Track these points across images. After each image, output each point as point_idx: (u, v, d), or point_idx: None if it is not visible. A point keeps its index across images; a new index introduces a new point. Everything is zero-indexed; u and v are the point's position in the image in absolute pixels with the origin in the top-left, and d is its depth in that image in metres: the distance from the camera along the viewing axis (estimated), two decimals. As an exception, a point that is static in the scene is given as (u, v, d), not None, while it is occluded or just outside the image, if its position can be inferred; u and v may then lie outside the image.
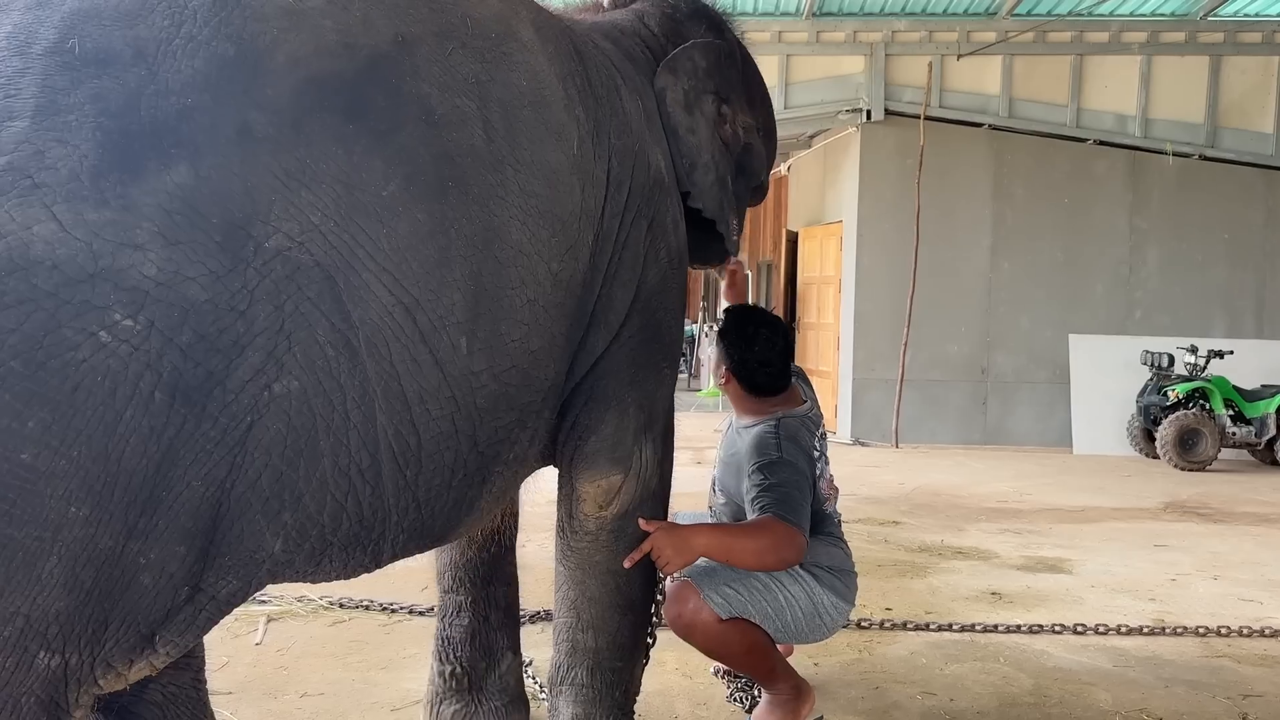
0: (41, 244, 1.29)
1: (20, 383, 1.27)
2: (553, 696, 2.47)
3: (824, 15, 9.50)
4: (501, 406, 1.83)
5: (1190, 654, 3.68)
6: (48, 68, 1.36)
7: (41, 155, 1.32)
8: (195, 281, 1.38)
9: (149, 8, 1.43)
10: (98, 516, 1.34)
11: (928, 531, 5.69)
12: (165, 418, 1.37)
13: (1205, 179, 9.71)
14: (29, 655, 1.34)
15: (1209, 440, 8.26)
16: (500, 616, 2.80)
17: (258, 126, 1.45)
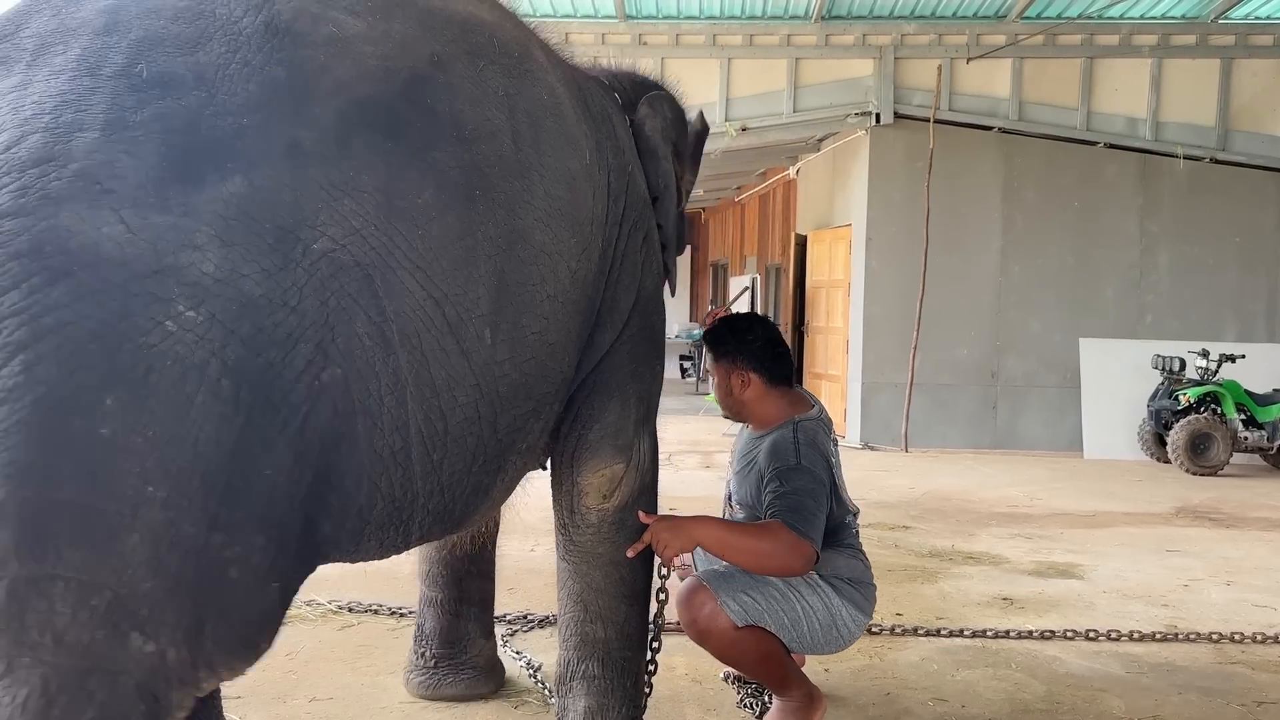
0: (110, 243, 1.41)
1: (98, 361, 1.37)
2: (561, 696, 2.54)
3: (833, 18, 9.49)
4: (520, 395, 1.94)
5: (1203, 660, 3.65)
6: (117, 88, 1.50)
7: (111, 164, 1.44)
8: (250, 278, 1.48)
9: (208, 36, 1.58)
10: (176, 501, 1.40)
11: (938, 536, 5.67)
12: (234, 405, 1.45)
13: (1216, 182, 9.67)
14: (121, 631, 1.39)
15: (1221, 445, 8.22)
16: (474, 611, 3.09)
17: (306, 143, 1.58)
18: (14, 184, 1.42)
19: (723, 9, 9.46)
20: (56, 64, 1.53)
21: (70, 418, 1.36)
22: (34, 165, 1.44)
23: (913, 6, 9.35)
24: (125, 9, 1.60)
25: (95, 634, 1.38)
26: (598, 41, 9.57)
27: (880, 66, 9.52)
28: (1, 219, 1.40)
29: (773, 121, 9.63)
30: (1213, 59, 9.58)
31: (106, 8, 1.60)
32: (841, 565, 2.83)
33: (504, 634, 3.67)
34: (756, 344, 2.91)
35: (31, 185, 1.42)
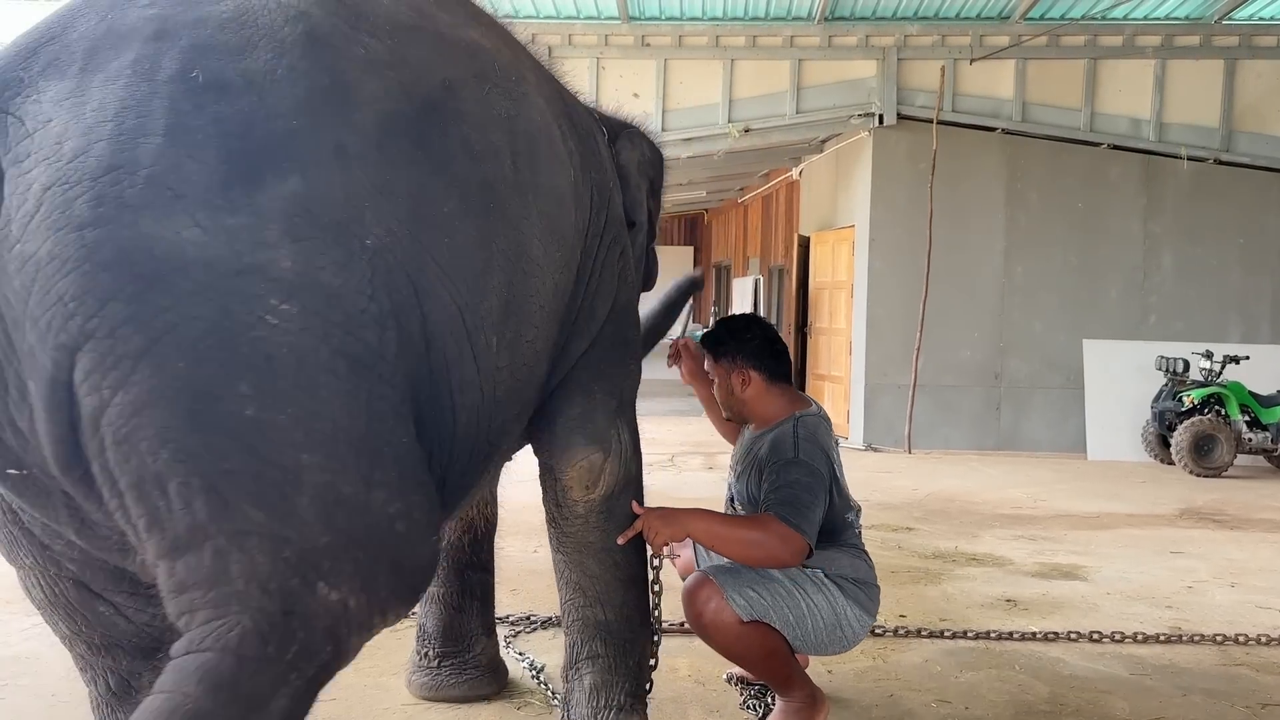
0: (191, 246, 1.49)
1: (219, 355, 1.49)
2: (569, 680, 2.61)
3: (836, 19, 9.48)
4: (512, 399, 2.06)
5: (1208, 662, 3.65)
6: (174, 93, 1.56)
7: (178, 169, 1.51)
8: (326, 270, 1.58)
9: (253, 43, 1.65)
10: (331, 465, 1.56)
11: (941, 538, 5.66)
12: (353, 383, 1.58)
13: (1220, 183, 9.66)
14: (310, 581, 1.54)
15: (1225, 446, 8.20)
16: (476, 605, 3.11)
17: (350, 146, 1.67)
18: (88, 193, 1.47)
19: (726, 10, 9.46)
20: (111, 69, 1.57)
21: (214, 404, 1.50)
22: (105, 173, 1.49)
23: (916, 8, 9.34)
24: (172, 17, 1.65)
25: (290, 581, 1.53)
26: (601, 43, 9.58)
27: (883, 68, 9.52)
28: (82, 229, 1.46)
29: (776, 123, 9.63)
30: (1217, 60, 9.57)
31: (154, 15, 1.65)
32: (846, 564, 2.83)
33: (507, 635, 3.67)
34: (755, 342, 2.93)
35: (106, 194, 1.48)
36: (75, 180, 1.48)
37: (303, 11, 1.73)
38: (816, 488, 2.71)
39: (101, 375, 1.47)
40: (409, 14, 1.93)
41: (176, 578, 1.54)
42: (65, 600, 1.84)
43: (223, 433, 1.50)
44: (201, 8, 1.68)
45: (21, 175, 1.51)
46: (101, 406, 1.48)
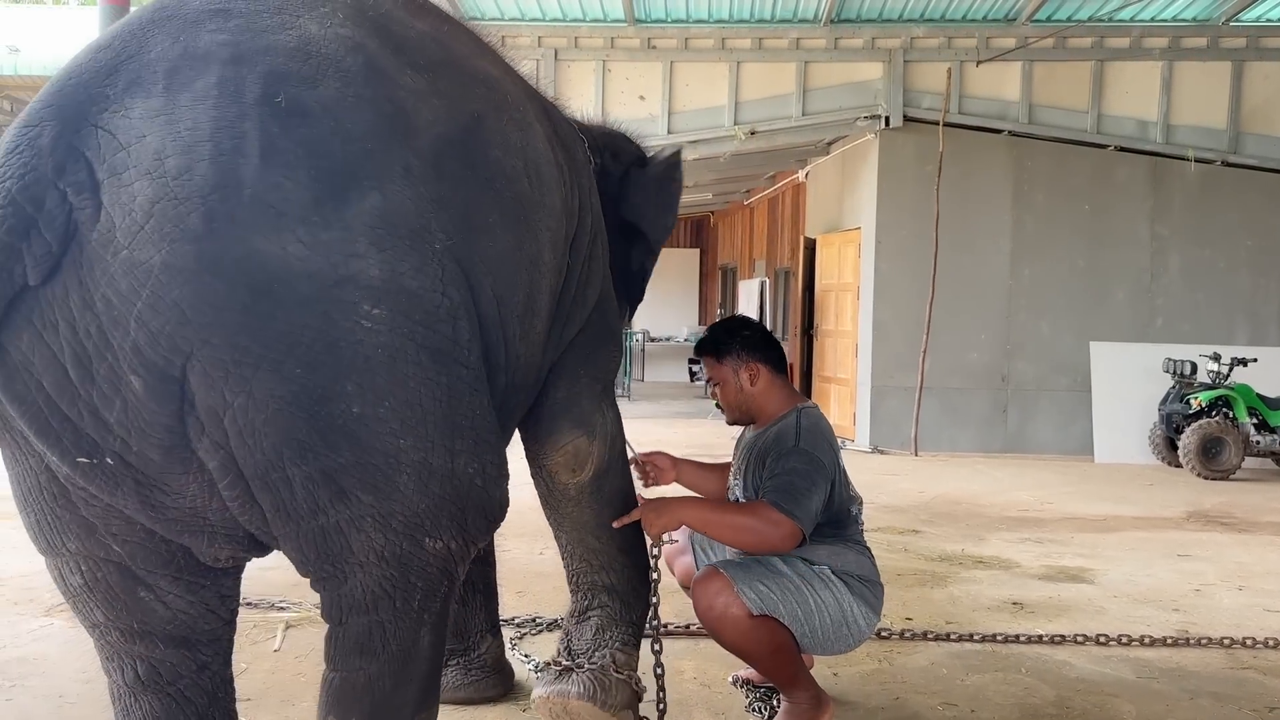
0: (297, 260, 1.67)
1: (327, 359, 1.71)
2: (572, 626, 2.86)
3: (842, 22, 9.48)
4: (525, 384, 2.31)
5: (1215, 665, 3.64)
6: (262, 115, 1.70)
7: (277, 188, 1.67)
8: (406, 275, 1.78)
9: (323, 72, 1.82)
10: (422, 445, 1.83)
11: (948, 540, 5.65)
12: (436, 370, 1.83)
13: (1228, 185, 9.63)
14: (417, 539, 1.87)
15: (1232, 449, 8.18)
16: (479, 598, 3.15)
17: (414, 166, 1.86)
18: (200, 209, 1.62)
19: (732, 12, 9.46)
20: (197, 89, 1.70)
21: (327, 404, 1.72)
22: (213, 191, 1.63)
23: (922, 10, 9.34)
24: (243, 43, 1.80)
25: (402, 545, 1.86)
26: (607, 45, 9.59)
27: (890, 70, 9.51)
28: (200, 242, 1.61)
29: (782, 125, 9.63)
30: (1224, 61, 9.55)
31: (226, 40, 1.79)
32: (852, 561, 2.84)
33: (512, 637, 3.67)
34: (755, 336, 3.00)
35: (217, 210, 1.62)
36: (184, 196, 1.62)
37: (359, 44, 1.91)
38: (815, 475, 2.73)
39: (223, 378, 1.65)
40: (436, 48, 2.13)
41: (306, 554, 1.85)
42: (106, 585, 1.92)
43: (335, 430, 1.74)
44: (267, 36, 1.83)
45: (123, 186, 1.62)
46: (223, 406, 1.67)
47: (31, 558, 5.01)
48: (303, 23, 1.89)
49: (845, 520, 2.88)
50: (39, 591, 4.23)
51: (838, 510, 2.85)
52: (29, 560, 4.73)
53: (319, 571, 1.88)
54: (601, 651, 2.79)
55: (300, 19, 1.90)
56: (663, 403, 11.53)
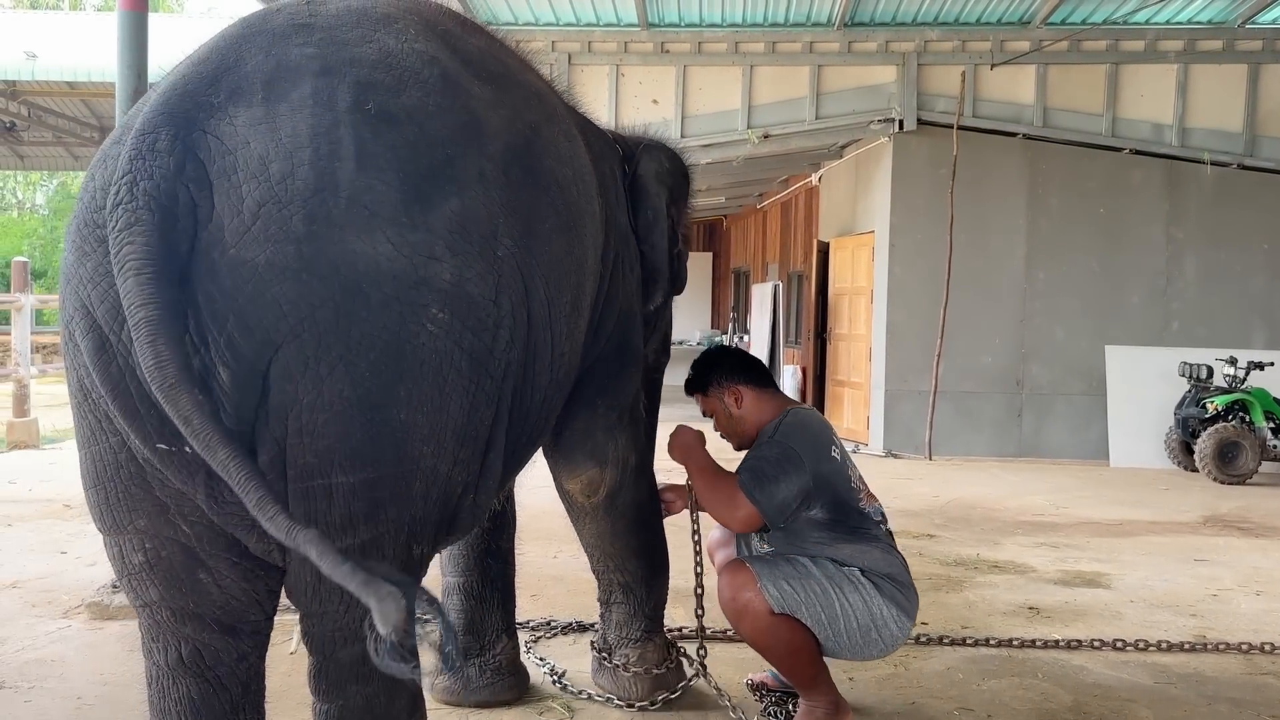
0: (386, 260, 1.76)
1: (392, 363, 1.78)
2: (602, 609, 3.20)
3: (855, 25, 9.47)
4: (564, 383, 2.40)
5: (1233, 671, 3.62)
6: (354, 122, 1.82)
7: (371, 190, 1.78)
8: (471, 281, 1.88)
9: (405, 81, 1.94)
10: (437, 451, 1.88)
11: (963, 545, 5.63)
12: (469, 378, 1.90)
13: (1243, 188, 9.58)
14: (410, 548, 1.92)
15: (1249, 453, 8.13)
16: (497, 597, 3.21)
17: (488, 172, 1.98)
18: (301, 211, 1.73)
19: (745, 16, 9.46)
20: (294, 99, 1.82)
21: (383, 410, 1.79)
22: (313, 194, 1.74)
23: (936, 13, 9.32)
24: (330, 55, 1.91)
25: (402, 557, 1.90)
26: (620, 50, 9.60)
27: (903, 73, 9.50)
28: (302, 243, 1.72)
29: (795, 128, 9.62)
30: (1240, 64, 9.50)
31: (314, 54, 1.91)
32: (880, 560, 2.83)
33: (527, 640, 3.68)
34: (730, 361, 3.14)
35: (317, 213, 1.73)
36: (288, 200, 1.73)
37: (434, 57, 2.04)
38: (785, 464, 2.81)
39: (301, 373, 1.72)
40: (494, 63, 2.26)
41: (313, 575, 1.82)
42: (167, 564, 1.95)
43: (384, 438, 1.80)
44: (350, 49, 1.95)
45: (232, 189, 1.73)
46: (292, 402, 1.73)
47: (50, 560, 5.06)
48: (380, 37, 2.01)
49: (857, 518, 2.88)
50: (57, 594, 4.25)
51: (842, 506, 2.86)
52: (47, 563, 4.77)
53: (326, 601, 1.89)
54: (621, 651, 3.13)
55: (378, 34, 2.02)
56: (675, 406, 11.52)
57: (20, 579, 4.48)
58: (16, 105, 16.00)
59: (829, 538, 2.83)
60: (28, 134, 17.98)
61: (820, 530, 2.85)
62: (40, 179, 30.49)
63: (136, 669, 3.37)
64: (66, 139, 18.63)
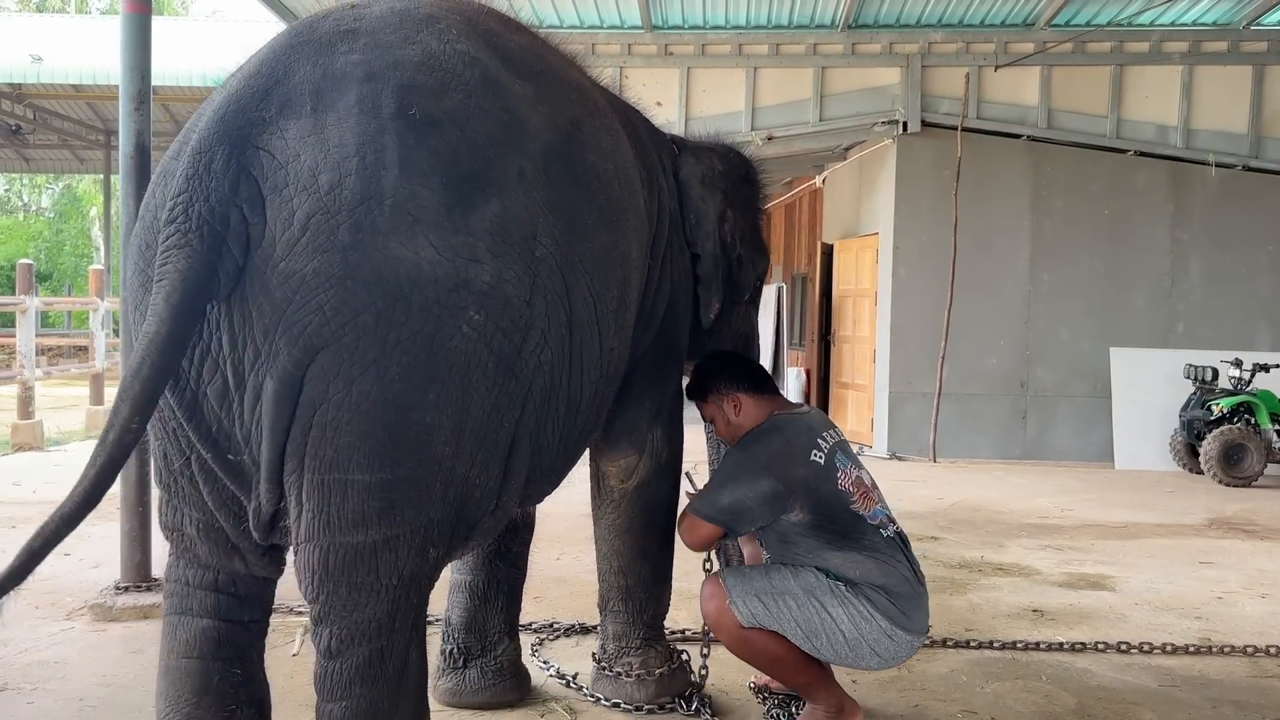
0: (428, 265, 1.81)
1: (424, 366, 1.83)
2: (601, 616, 3.18)
3: (859, 27, 9.46)
4: (615, 376, 2.44)
5: (1238, 674, 3.60)
6: (398, 128, 1.87)
7: (414, 197, 1.83)
8: (510, 283, 1.92)
9: (447, 85, 1.98)
10: (458, 453, 1.91)
11: (967, 547, 5.62)
12: (494, 379, 1.93)
13: (1249, 190, 9.55)
14: (425, 551, 1.95)
15: (1254, 455, 8.11)
16: (500, 599, 3.18)
17: (528, 171, 2.02)
18: (348, 221, 1.78)
19: (749, 18, 9.46)
20: (340, 108, 1.87)
21: (408, 412, 1.83)
22: (360, 204, 1.79)
23: (940, 15, 9.31)
24: (373, 60, 1.96)
25: (416, 561, 1.94)
26: (624, 52, 9.60)
27: (907, 75, 9.49)
28: (347, 251, 1.78)
29: (799, 130, 9.62)
30: (1245, 66, 9.47)
31: (359, 60, 1.95)
32: (873, 570, 2.74)
33: (532, 643, 3.67)
34: (730, 369, 3.09)
35: (363, 222, 1.79)
36: (335, 210, 1.78)
37: (476, 57, 2.07)
38: (736, 471, 2.83)
39: (334, 374, 1.79)
40: (536, 60, 2.29)
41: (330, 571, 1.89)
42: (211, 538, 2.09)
43: (406, 441, 1.84)
44: (394, 51, 1.99)
45: (284, 203, 1.79)
46: (320, 400, 1.80)
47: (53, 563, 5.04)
48: (423, 38, 2.05)
49: (848, 520, 2.78)
50: (60, 595, 4.26)
51: (827, 509, 2.77)
52: (50, 565, 4.74)
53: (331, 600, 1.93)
54: (623, 660, 3.11)
55: (421, 34, 2.05)
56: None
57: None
58: (22, 108, 16.06)
59: (817, 544, 2.78)
60: (33, 137, 18.04)
61: (808, 536, 2.78)
62: (45, 182, 30.57)
63: (139, 671, 3.38)
64: (71, 142, 18.69)
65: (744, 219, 3.28)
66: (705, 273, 3.13)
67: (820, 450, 2.83)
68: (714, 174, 3.16)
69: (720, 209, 3.16)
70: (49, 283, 27.24)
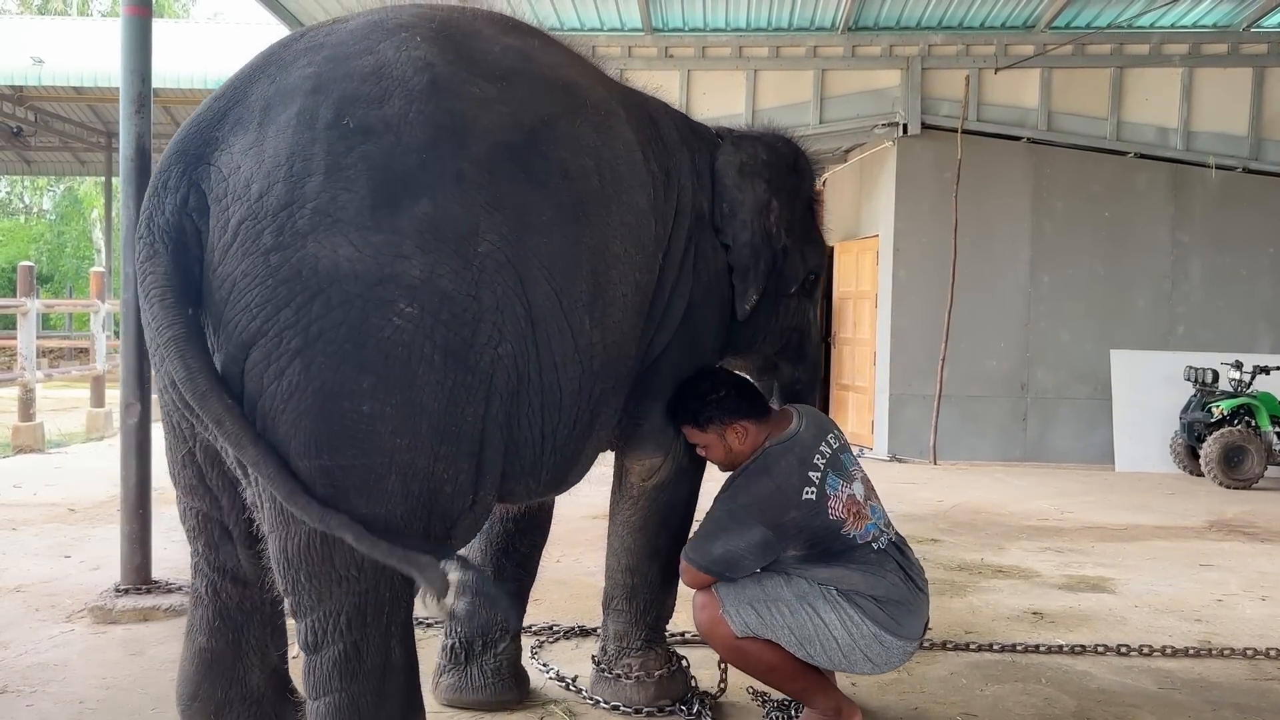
0: (346, 262, 1.93)
1: (353, 356, 1.93)
2: (604, 615, 3.15)
3: (860, 29, 9.47)
4: (607, 372, 2.48)
5: (1238, 676, 3.60)
6: (329, 138, 1.98)
7: (335, 200, 1.94)
8: (445, 277, 2.00)
9: (390, 93, 2.07)
10: (413, 444, 1.99)
11: (967, 550, 5.62)
12: (443, 372, 2.01)
13: (1249, 191, 9.55)
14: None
15: (1255, 457, 8.10)
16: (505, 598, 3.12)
17: (467, 173, 2.08)
18: (272, 226, 1.92)
19: (749, 21, 9.46)
20: (281, 121, 2.00)
21: (340, 400, 1.93)
22: (283, 208, 1.92)
23: (940, 17, 9.32)
24: (326, 73, 2.07)
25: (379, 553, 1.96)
26: (624, 54, 9.60)
27: (907, 77, 9.49)
28: (269, 254, 1.92)
29: (799, 132, 9.40)
30: (1245, 68, 9.47)
31: (311, 73, 2.08)
32: (859, 581, 2.74)
33: (532, 645, 3.67)
34: (730, 394, 2.89)
35: (285, 226, 1.92)
36: (261, 215, 1.93)
37: (429, 63, 2.14)
38: (728, 523, 2.77)
39: (265, 366, 1.92)
40: (516, 59, 2.35)
41: (293, 550, 1.99)
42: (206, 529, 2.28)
43: (343, 429, 1.94)
44: (349, 63, 2.10)
45: (222, 212, 1.96)
46: (259, 392, 1.93)
47: (53, 564, 5.06)
48: (382, 48, 2.15)
49: (839, 544, 2.76)
50: (60, 598, 4.26)
51: (820, 541, 2.77)
52: (51, 567, 4.78)
53: (297, 591, 2.03)
54: (623, 661, 3.09)
55: (381, 44, 2.15)
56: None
57: (24, 583, 4.49)
58: (23, 110, 16.08)
59: (807, 565, 2.80)
60: (34, 139, 18.07)
61: (800, 560, 2.82)
62: (47, 184, 30.57)
63: (139, 673, 3.38)
64: (73, 144, 18.72)
65: (790, 208, 3.17)
66: (739, 263, 3.04)
67: (812, 484, 2.75)
68: (756, 163, 3.09)
69: (763, 198, 3.07)
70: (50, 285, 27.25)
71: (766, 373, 3.49)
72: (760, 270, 3.08)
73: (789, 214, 3.16)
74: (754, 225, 3.04)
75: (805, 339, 3.43)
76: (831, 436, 2.91)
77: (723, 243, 3.03)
